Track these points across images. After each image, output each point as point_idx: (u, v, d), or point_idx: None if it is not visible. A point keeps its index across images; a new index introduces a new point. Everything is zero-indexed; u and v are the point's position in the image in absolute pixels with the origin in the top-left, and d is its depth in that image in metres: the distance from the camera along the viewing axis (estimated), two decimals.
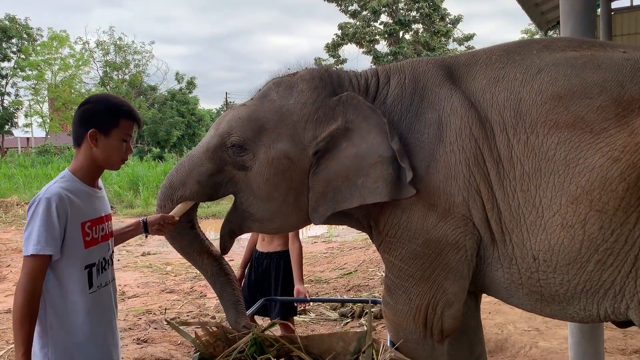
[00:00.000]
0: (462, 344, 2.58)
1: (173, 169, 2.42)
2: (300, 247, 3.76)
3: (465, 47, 26.77)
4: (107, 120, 2.02)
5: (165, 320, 2.94)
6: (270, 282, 3.74)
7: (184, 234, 2.40)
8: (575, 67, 2.01)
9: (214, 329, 2.40)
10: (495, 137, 2.01)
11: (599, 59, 2.02)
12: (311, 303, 5.22)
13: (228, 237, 2.42)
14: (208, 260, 2.42)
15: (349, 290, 6.17)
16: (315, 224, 2.32)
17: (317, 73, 2.30)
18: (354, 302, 5.04)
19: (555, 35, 15.11)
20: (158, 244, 10.97)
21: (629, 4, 10.47)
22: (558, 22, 10.81)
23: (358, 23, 25.31)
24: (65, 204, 1.91)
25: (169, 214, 2.30)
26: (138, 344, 4.30)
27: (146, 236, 2.31)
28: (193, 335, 2.39)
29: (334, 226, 10.71)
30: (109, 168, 2.12)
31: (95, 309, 2.03)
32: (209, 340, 2.37)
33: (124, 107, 2.09)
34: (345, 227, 2.86)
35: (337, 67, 26.05)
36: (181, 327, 2.47)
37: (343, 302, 5.18)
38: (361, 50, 25.60)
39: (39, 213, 1.88)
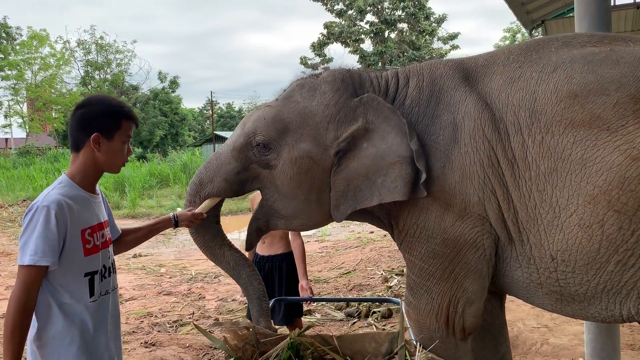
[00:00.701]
0: (487, 342, 2.58)
1: (201, 166, 2.47)
2: (303, 244, 3.72)
3: (450, 46, 26.96)
4: (110, 124, 1.96)
5: (194, 324, 2.85)
6: (274, 285, 3.68)
7: (208, 229, 2.46)
8: (592, 63, 1.97)
9: (245, 331, 2.32)
10: (510, 138, 2.00)
11: (618, 54, 1.97)
12: (315, 303, 5.18)
13: (255, 234, 2.47)
14: (230, 253, 2.47)
15: (351, 289, 6.13)
16: (337, 221, 2.36)
17: (339, 74, 2.32)
18: (381, 301, 4.91)
19: (537, 34, 15.28)
20: (149, 245, 10.82)
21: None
22: (542, 22, 11.00)
23: (344, 22, 25.31)
24: (65, 212, 1.84)
25: (197, 209, 2.36)
26: (146, 347, 4.20)
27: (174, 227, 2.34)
28: (221, 340, 2.31)
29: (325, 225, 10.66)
30: (110, 172, 2.05)
31: (98, 317, 1.97)
32: (237, 345, 2.30)
33: (124, 108, 2.03)
34: (336, 226, 2.93)
35: (326, 70, 26.12)
36: (213, 327, 2.39)
37: (369, 302, 5.09)
38: (347, 49, 25.63)
39: (37, 221, 1.80)
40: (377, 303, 5.11)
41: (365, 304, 5.19)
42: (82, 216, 1.93)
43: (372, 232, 9.98)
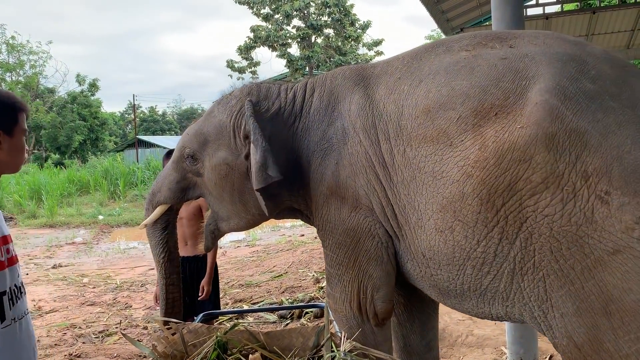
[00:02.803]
0: (415, 328, 2.70)
1: (156, 179, 2.86)
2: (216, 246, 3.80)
3: (375, 52, 27.56)
4: (8, 119, 1.80)
5: (121, 333, 2.77)
6: (198, 286, 3.79)
7: (155, 235, 2.80)
8: (450, 75, 2.03)
9: (173, 335, 2.27)
10: (381, 145, 2.14)
11: (478, 60, 2.00)
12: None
13: (210, 237, 2.75)
14: (164, 262, 2.81)
15: (283, 292, 6.13)
16: (270, 218, 2.60)
17: (247, 89, 2.58)
18: (305, 307, 4.95)
19: None
20: (69, 255, 10.34)
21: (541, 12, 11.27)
22: (462, 29, 11.54)
23: (270, 26, 25.27)
24: None
25: (150, 216, 2.75)
26: (70, 359, 4.00)
27: None
28: (148, 347, 2.26)
29: (254, 230, 10.63)
30: (11, 172, 1.89)
31: (12, 346, 1.74)
32: (165, 352, 2.25)
33: (17, 99, 1.88)
34: (267, 230, 3.16)
35: (254, 73, 25.92)
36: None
37: (293, 309, 5.08)
38: (275, 53, 25.58)
39: None
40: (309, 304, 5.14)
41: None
42: None
43: (302, 235, 10.05)
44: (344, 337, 2.24)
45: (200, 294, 3.75)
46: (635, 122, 1.66)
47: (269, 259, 8.37)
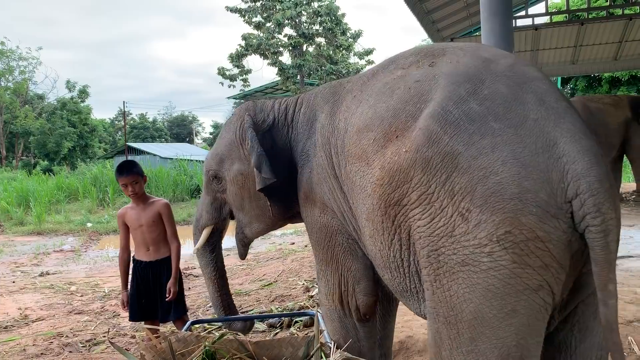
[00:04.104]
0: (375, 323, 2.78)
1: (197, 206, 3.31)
2: (180, 246, 3.98)
3: (366, 61, 27.66)
4: None
5: (109, 342, 2.74)
6: (164, 289, 3.87)
7: (205, 256, 3.25)
8: (378, 96, 2.17)
9: (161, 344, 2.26)
10: (332, 159, 2.39)
11: (400, 83, 2.12)
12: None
13: (240, 245, 3.18)
14: (216, 278, 3.27)
15: (273, 300, 6.08)
16: (286, 221, 3.02)
17: (244, 106, 2.97)
18: (293, 315, 4.92)
19: None
20: (56, 262, 10.23)
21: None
22: (452, 39, 11.65)
23: (262, 34, 25.30)
24: None
25: (199, 240, 3.18)
26: None
27: None
28: (136, 357, 2.25)
29: None
30: None
31: None
32: None
33: None
34: (257, 238, 3.40)
35: (245, 81, 25.86)
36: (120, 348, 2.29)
37: (281, 317, 5.05)
38: (266, 61, 25.58)
39: None
40: (298, 312, 5.11)
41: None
42: None
43: (293, 243, 10.02)
44: (334, 347, 2.24)
45: (167, 295, 3.82)
46: (512, 142, 1.69)
47: (258, 267, 8.33)
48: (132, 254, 4.00)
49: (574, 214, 1.64)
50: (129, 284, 3.91)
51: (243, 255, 3.24)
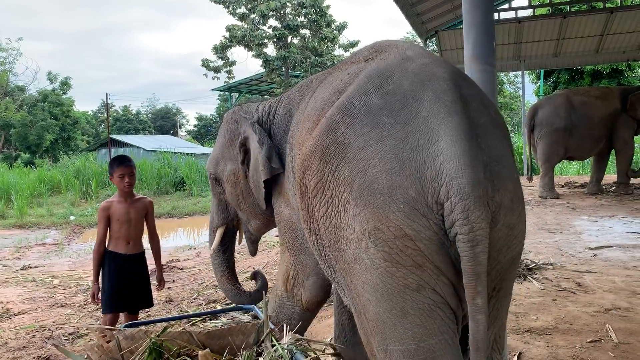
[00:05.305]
0: (345, 309, 2.80)
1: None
2: (159, 241, 4.25)
3: (351, 53, 27.62)
4: None
5: (54, 344, 2.73)
6: (144, 280, 4.05)
7: (218, 256, 3.44)
8: (323, 89, 2.27)
9: (108, 343, 2.23)
10: (290, 150, 2.50)
11: (340, 77, 2.19)
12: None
13: (249, 242, 3.41)
14: (229, 275, 3.51)
15: None
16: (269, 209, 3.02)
17: (232, 110, 3.20)
18: (234, 310, 4.88)
19: (431, 44, 16.16)
20: (39, 256, 10.13)
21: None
22: (436, 32, 11.69)
23: (246, 26, 25.12)
24: None
25: (214, 241, 3.38)
26: None
27: None
28: (84, 356, 2.23)
29: None
30: None
31: None
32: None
33: None
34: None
35: (229, 73, 25.67)
36: (67, 346, 2.28)
37: (217, 313, 5.00)
38: (250, 53, 25.43)
39: None
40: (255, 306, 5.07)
41: None
42: None
43: (277, 236, 9.97)
44: (287, 329, 2.25)
45: (158, 285, 4.20)
46: (397, 137, 1.66)
47: (243, 259, 8.32)
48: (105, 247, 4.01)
49: (445, 218, 1.57)
50: (105, 276, 3.92)
51: (253, 252, 3.45)
